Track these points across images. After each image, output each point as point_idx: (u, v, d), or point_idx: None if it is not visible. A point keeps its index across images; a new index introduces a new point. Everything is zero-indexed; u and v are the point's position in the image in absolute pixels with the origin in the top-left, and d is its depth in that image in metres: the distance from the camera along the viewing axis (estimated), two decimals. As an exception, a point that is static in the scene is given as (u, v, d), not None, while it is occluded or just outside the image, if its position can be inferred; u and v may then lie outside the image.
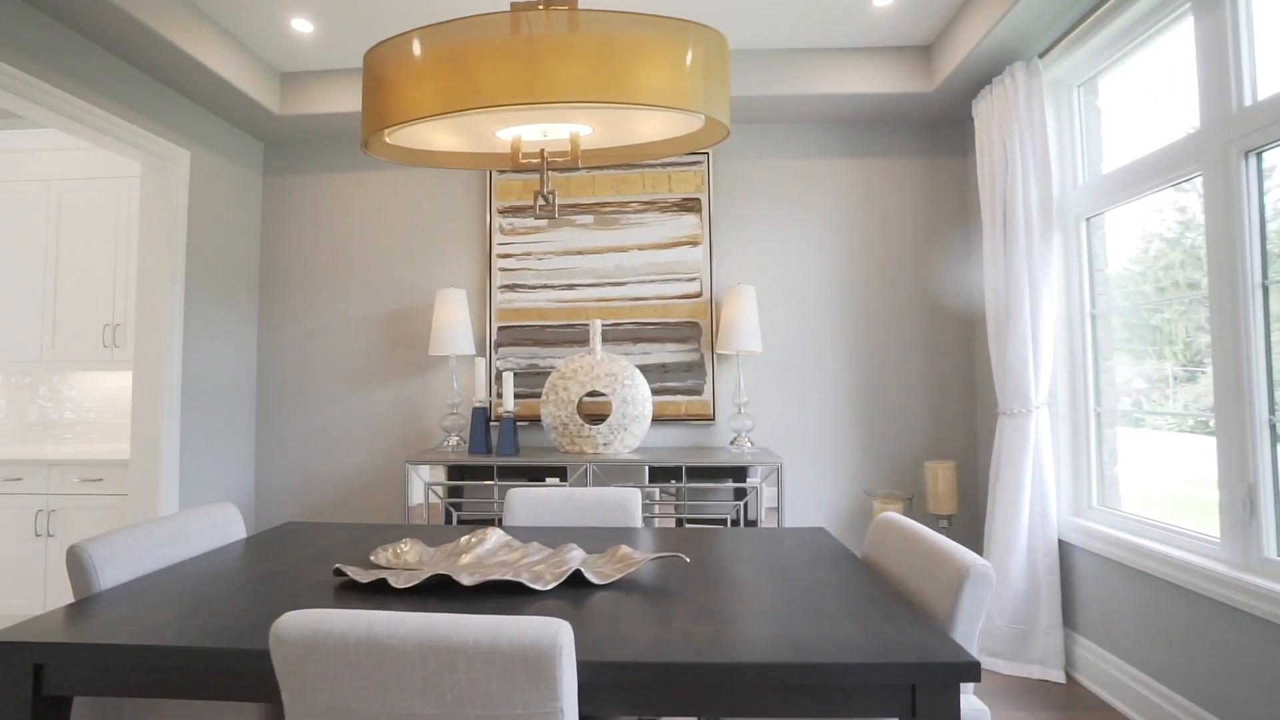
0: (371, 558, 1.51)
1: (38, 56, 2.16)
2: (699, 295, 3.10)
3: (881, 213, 3.10)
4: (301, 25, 2.59)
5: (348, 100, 2.95)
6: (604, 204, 3.14)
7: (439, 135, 1.61)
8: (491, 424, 3.04)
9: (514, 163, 1.56)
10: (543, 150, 1.55)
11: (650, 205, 3.12)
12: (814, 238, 3.11)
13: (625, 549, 1.48)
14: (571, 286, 3.13)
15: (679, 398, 3.08)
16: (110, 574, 1.39)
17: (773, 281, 3.13)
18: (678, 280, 3.10)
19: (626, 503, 1.97)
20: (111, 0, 2.13)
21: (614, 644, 1.02)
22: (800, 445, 3.07)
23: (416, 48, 1.38)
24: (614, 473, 2.67)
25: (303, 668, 0.90)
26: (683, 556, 1.37)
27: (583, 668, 0.95)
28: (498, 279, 3.16)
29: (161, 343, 2.66)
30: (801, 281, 3.11)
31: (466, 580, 1.28)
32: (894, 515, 1.55)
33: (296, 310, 3.27)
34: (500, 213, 3.18)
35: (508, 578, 1.30)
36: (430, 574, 1.31)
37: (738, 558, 1.55)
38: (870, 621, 1.10)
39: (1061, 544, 2.41)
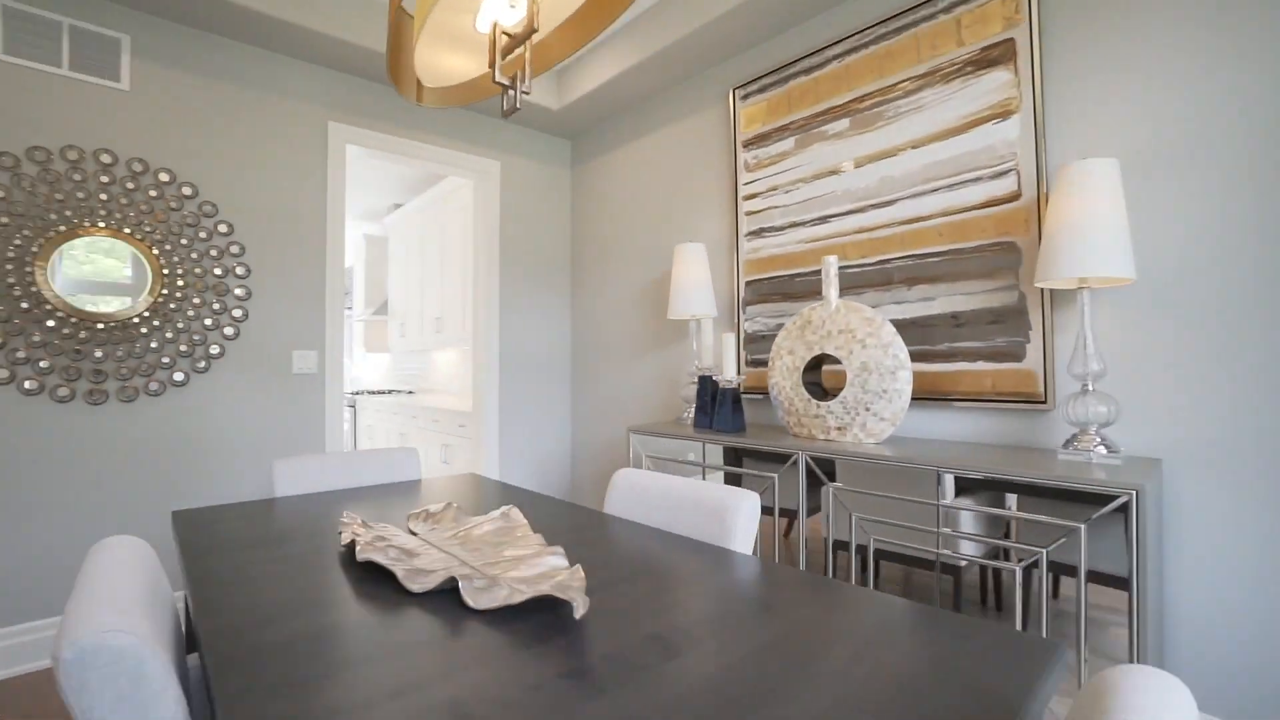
0: (408, 514, 1.46)
1: (394, 119, 2.97)
2: (1014, 198, 1.89)
3: None
4: (536, 14, 2.76)
5: (604, 68, 3.00)
6: (860, 98, 2.26)
7: (449, 59, 1.41)
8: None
9: (491, 57, 1.22)
10: (495, 24, 1.15)
11: (928, 77, 2.08)
12: (1258, 51, 1.47)
13: (571, 573, 0.98)
14: (824, 219, 2.39)
15: (981, 365, 1.96)
16: (286, 486, 1.76)
17: (1159, 149, 1.64)
18: (976, 180, 1.97)
19: (724, 512, 1.34)
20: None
21: None
22: (1224, 458, 1.52)
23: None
24: (862, 474, 1.87)
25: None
26: (576, 604, 0.83)
27: None
28: (744, 225, 2.69)
29: (483, 323, 3.32)
30: (1228, 142, 1.52)
31: (360, 555, 1.08)
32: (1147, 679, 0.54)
33: (594, 285, 3.57)
34: (744, 145, 2.68)
35: (388, 564, 1.04)
36: (351, 539, 1.17)
37: (796, 655, 0.84)
38: None
39: None
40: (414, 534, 1.35)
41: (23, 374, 2.09)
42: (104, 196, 2.22)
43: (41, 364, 2.11)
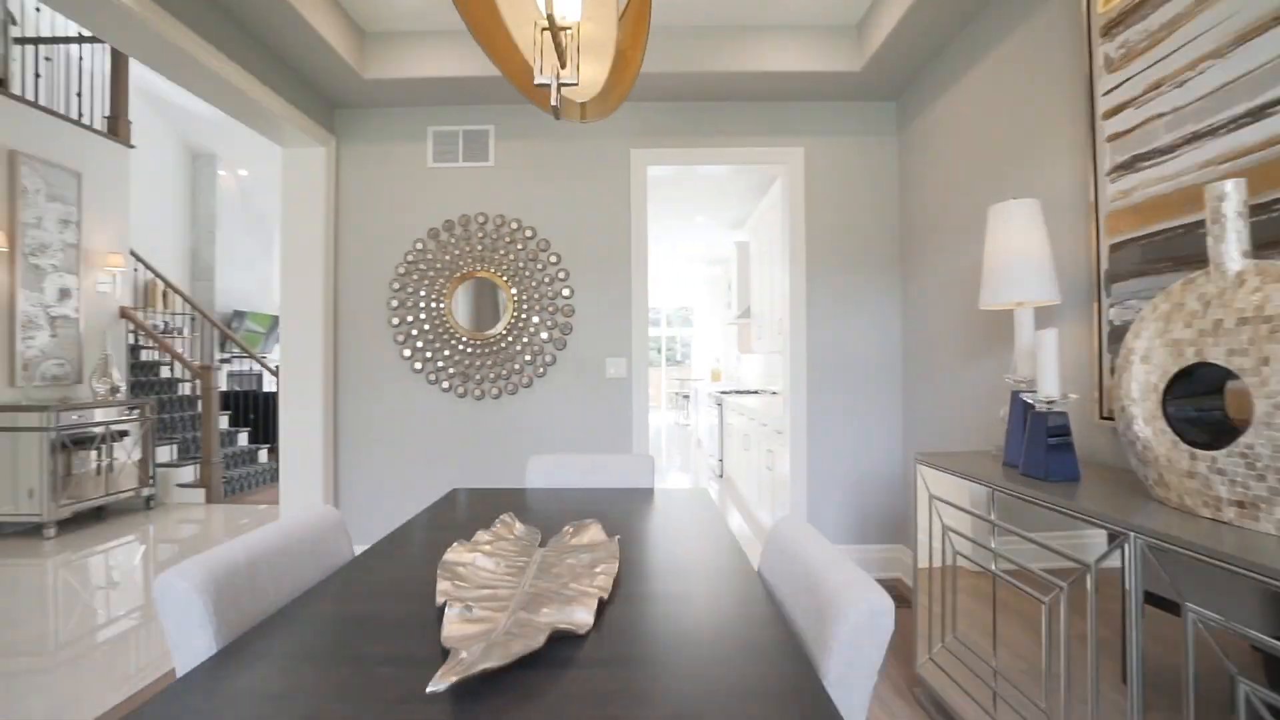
0: (567, 525, 1.48)
1: (686, 132, 3.09)
2: None
3: None
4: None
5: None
6: None
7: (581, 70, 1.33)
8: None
9: (559, 54, 1.11)
10: (535, 23, 1.02)
11: None
12: None
13: (526, 636, 0.85)
14: (1262, 111, 1.31)
15: None
16: (533, 479, 2.05)
17: None
18: None
19: (826, 611, 0.91)
20: (736, 69, 2.78)
21: None
22: None
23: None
24: None
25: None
26: (436, 677, 0.74)
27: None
28: (1105, 158, 1.71)
29: (792, 324, 3.08)
30: None
31: (446, 555, 1.16)
32: None
33: (925, 273, 2.86)
34: (1104, 32, 1.70)
35: (442, 575, 1.08)
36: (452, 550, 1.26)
37: None
38: None
39: None
40: (541, 545, 1.38)
41: (441, 378, 3.05)
42: (480, 248, 3.03)
43: (450, 371, 3.04)
